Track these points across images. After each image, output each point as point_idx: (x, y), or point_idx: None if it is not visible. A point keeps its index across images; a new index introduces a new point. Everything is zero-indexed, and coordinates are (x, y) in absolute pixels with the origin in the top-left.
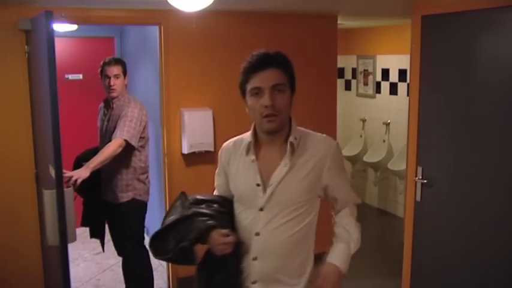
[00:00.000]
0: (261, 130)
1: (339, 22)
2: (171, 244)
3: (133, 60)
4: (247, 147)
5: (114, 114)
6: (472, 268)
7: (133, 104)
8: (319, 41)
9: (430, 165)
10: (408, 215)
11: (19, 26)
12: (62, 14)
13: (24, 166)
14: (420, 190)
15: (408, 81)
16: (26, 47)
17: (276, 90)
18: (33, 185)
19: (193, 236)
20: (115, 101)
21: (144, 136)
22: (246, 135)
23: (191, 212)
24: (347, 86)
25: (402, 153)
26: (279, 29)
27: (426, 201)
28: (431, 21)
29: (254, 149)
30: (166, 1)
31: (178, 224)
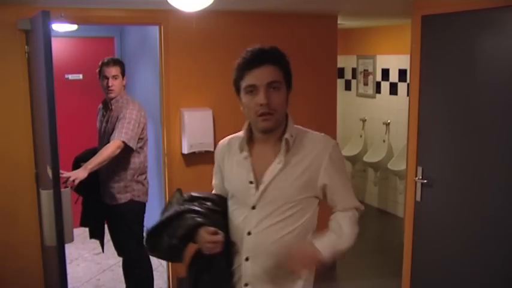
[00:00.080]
0: (256, 129)
1: (339, 22)
2: (165, 240)
3: (133, 60)
4: (240, 144)
5: (112, 115)
6: (472, 268)
7: (131, 106)
8: (319, 41)
9: (430, 165)
10: (408, 215)
11: (18, 26)
12: (62, 14)
13: (24, 166)
14: (420, 190)
15: (408, 81)
16: (26, 47)
17: (272, 87)
18: (33, 185)
19: (181, 233)
20: (113, 102)
21: (143, 137)
22: (242, 132)
23: (182, 209)
24: (347, 86)
25: (402, 153)
26: (279, 29)
27: (426, 201)
28: (431, 21)
29: (248, 146)
30: (166, 1)
31: (171, 221)
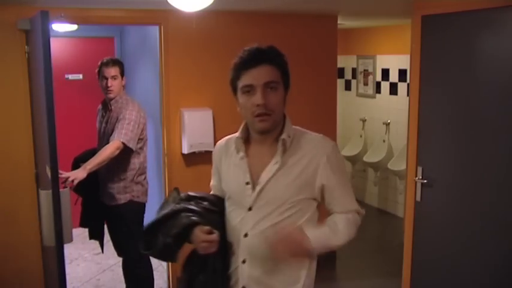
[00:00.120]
0: (253, 129)
1: (339, 22)
2: (160, 239)
3: (133, 60)
4: (237, 144)
5: (112, 116)
6: (472, 268)
7: (131, 106)
8: (319, 41)
9: (430, 165)
10: (408, 215)
11: (18, 26)
12: (62, 14)
13: (24, 166)
14: (420, 190)
15: (408, 81)
16: (26, 47)
17: (269, 87)
18: (33, 185)
19: (176, 232)
20: (113, 103)
21: (143, 137)
22: (239, 133)
23: (178, 208)
24: (347, 86)
25: (402, 153)
26: (279, 29)
27: (426, 201)
28: (431, 21)
29: (245, 146)
30: (166, 1)
31: (166, 220)
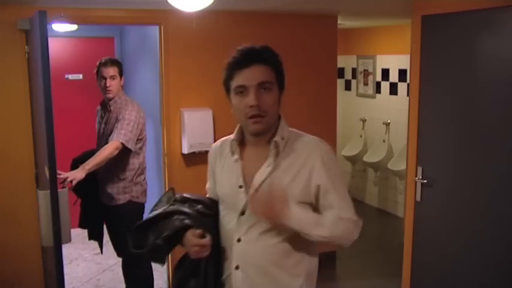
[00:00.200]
0: (247, 131)
1: (339, 22)
2: (150, 239)
3: (133, 60)
4: (231, 147)
5: (111, 116)
6: (472, 268)
7: (130, 107)
8: (319, 41)
9: (430, 165)
10: (408, 215)
11: (18, 26)
12: (62, 14)
13: (24, 166)
14: (420, 190)
15: (408, 81)
16: (26, 47)
17: (263, 88)
18: (33, 185)
19: (166, 235)
20: (112, 103)
21: (142, 138)
22: (233, 135)
23: (171, 209)
24: (347, 86)
25: (402, 153)
26: (279, 29)
27: (426, 201)
28: (431, 21)
29: (240, 148)
30: (166, 1)
31: (158, 220)
